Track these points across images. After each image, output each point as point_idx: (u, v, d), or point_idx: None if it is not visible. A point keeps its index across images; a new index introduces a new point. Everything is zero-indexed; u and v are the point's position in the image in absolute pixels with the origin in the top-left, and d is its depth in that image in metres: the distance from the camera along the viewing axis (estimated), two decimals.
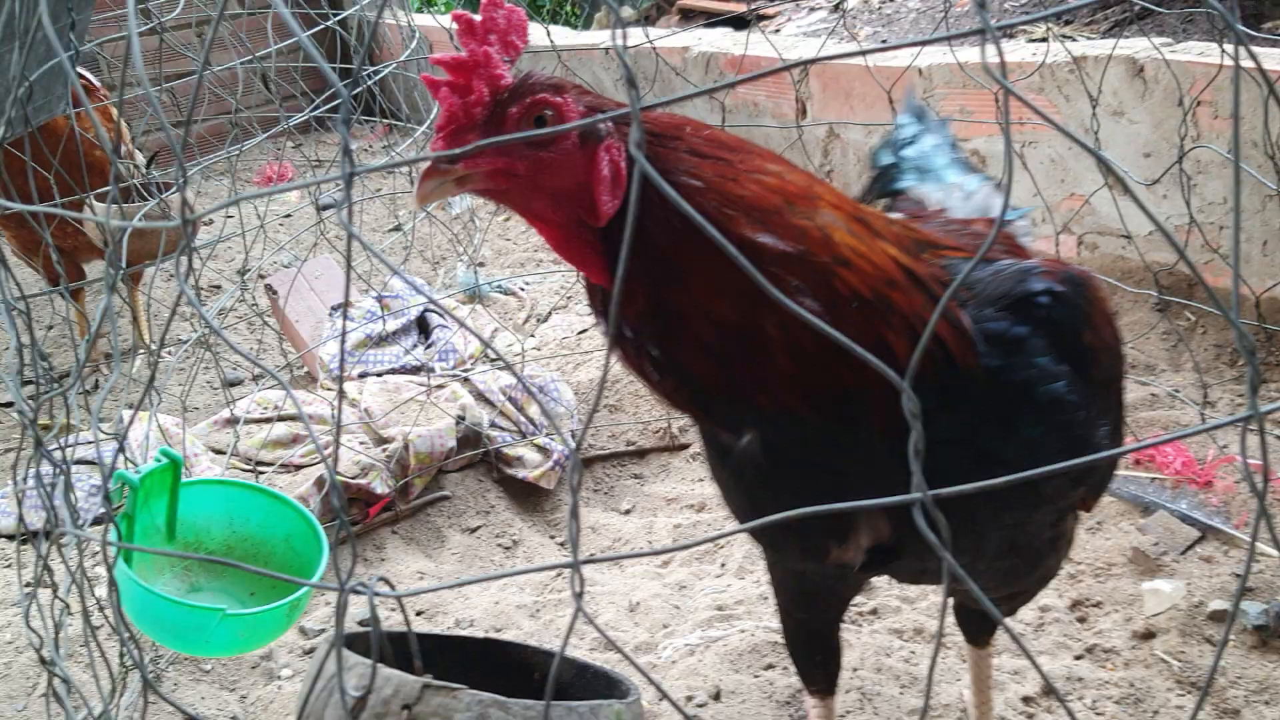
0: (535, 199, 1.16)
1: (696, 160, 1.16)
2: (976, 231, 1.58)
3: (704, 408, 1.22)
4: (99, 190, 3.29)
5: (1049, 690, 2.07)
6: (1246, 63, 0.75)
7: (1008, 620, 2.26)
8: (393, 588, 0.87)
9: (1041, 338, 1.27)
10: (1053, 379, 1.27)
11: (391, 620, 2.09)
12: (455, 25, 1.15)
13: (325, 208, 4.50)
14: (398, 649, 1.08)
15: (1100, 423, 1.32)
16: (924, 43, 0.72)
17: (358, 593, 0.89)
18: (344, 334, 1.03)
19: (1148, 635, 2.16)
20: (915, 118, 1.92)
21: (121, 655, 1.77)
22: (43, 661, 1.39)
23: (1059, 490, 1.35)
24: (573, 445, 1.15)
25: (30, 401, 1.36)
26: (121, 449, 1.24)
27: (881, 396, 1.15)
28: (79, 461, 2.84)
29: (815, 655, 1.69)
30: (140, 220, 3.05)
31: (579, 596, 0.82)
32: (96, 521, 2.81)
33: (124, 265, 1.45)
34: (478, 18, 1.15)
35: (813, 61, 0.73)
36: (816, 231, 1.16)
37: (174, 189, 3.38)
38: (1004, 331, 1.24)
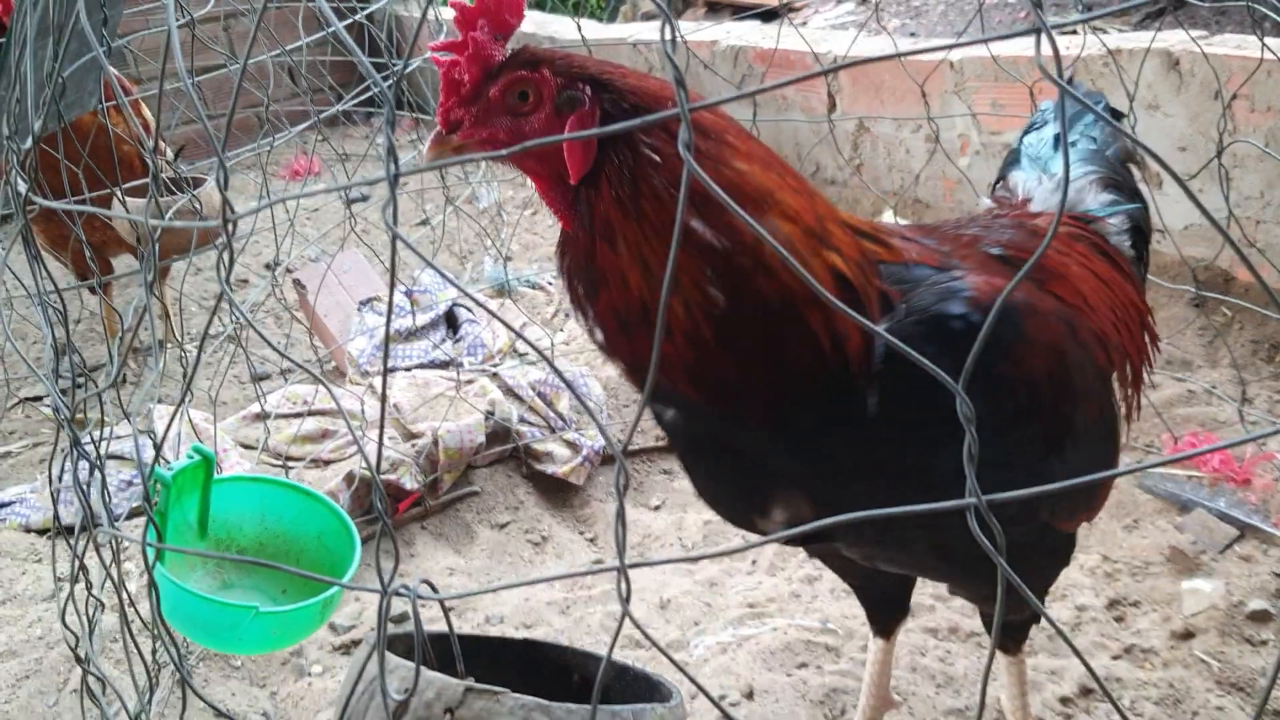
0: (523, 158, 1.27)
1: (665, 138, 1.22)
2: (1025, 226, 1.57)
3: (630, 371, 1.29)
4: (129, 185, 3.31)
5: (1087, 691, 2.04)
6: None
7: (1050, 614, 2.24)
8: (435, 590, 0.86)
9: (949, 360, 1.25)
10: (944, 403, 1.28)
11: (425, 616, 2.08)
12: (453, 11, 1.24)
13: (354, 202, 4.51)
14: (437, 649, 1.08)
15: (1020, 454, 1.32)
16: (983, 40, 0.70)
17: (400, 594, 0.88)
18: (387, 333, 1.01)
19: (1186, 635, 2.13)
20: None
21: (154, 651, 1.78)
22: (78, 660, 1.39)
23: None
24: (606, 442, 1.16)
25: (64, 398, 1.36)
26: (158, 450, 1.24)
27: (760, 398, 1.23)
28: (110, 457, 2.85)
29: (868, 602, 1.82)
30: (173, 218, 3.06)
31: (626, 600, 0.81)
32: (127, 516, 2.82)
33: (154, 251, 1.45)
34: (470, 3, 1.23)
35: (884, 59, 0.71)
36: (749, 236, 1.20)
37: (205, 183, 3.39)
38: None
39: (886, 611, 1.81)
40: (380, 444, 0.88)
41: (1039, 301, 1.40)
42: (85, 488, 1.24)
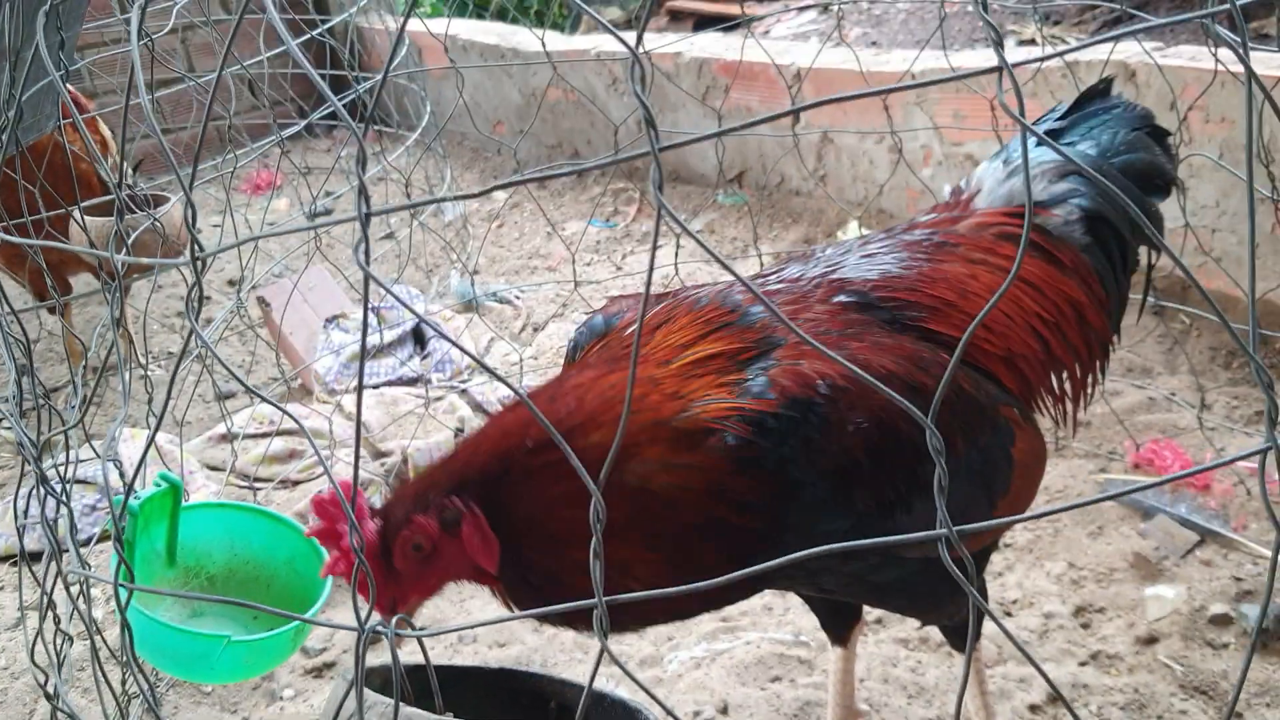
0: (459, 577, 1.33)
1: (529, 485, 1.30)
2: (933, 241, 1.62)
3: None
4: (87, 203, 3.27)
5: (1055, 698, 2.07)
6: (1235, 66, 0.75)
7: (1015, 623, 2.27)
8: (413, 627, 0.86)
9: (801, 449, 1.36)
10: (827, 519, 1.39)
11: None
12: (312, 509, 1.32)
13: (317, 215, 4.48)
14: (413, 679, 1.07)
15: (865, 522, 1.36)
16: (956, 79, 0.72)
17: (378, 633, 0.88)
18: (363, 357, 1.00)
19: (1150, 640, 2.17)
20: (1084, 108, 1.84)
21: (124, 682, 1.76)
22: (47, 696, 1.37)
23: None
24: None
25: (26, 426, 1.35)
26: (129, 484, 1.23)
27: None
28: (75, 481, 2.81)
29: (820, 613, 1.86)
30: (135, 242, 3.03)
31: (605, 635, 0.81)
32: (95, 541, 2.79)
33: (120, 285, 1.43)
34: (324, 499, 1.31)
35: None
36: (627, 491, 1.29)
37: (166, 203, 3.35)
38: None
39: (840, 621, 1.83)
40: (355, 470, 0.88)
41: (872, 362, 1.38)
42: (51, 522, 1.22)
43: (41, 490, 1.15)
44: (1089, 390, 1.72)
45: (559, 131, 5.33)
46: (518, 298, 4.09)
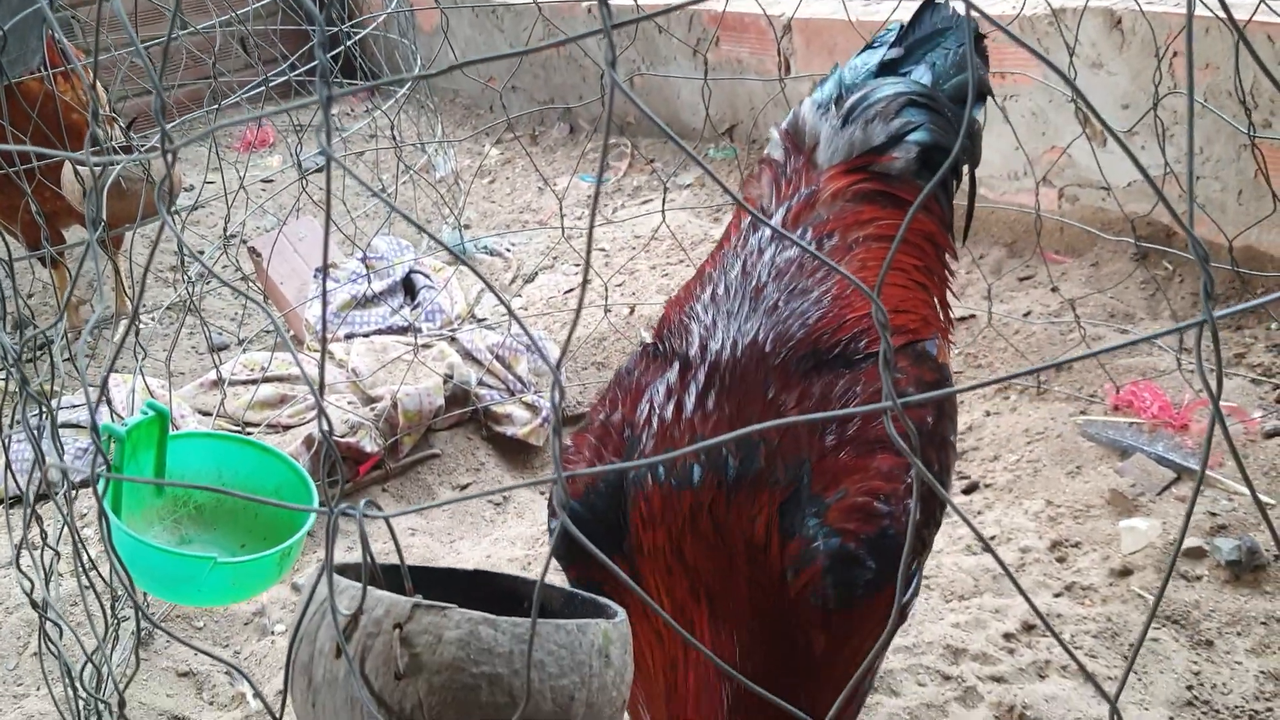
0: None
1: None
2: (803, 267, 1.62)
3: None
4: (78, 153, 3.28)
5: (1029, 627, 2.11)
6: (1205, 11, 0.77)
7: (987, 563, 2.31)
8: (379, 509, 0.89)
9: None
10: None
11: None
12: None
13: (310, 173, 4.48)
14: (389, 581, 1.11)
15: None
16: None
17: (346, 515, 0.91)
18: (324, 291, 1.04)
19: (1125, 572, 2.21)
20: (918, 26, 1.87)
21: (114, 604, 1.80)
22: (34, 605, 1.41)
23: None
24: (554, 375, 1.19)
25: (15, 363, 1.38)
26: (102, 392, 1.26)
27: None
28: (65, 425, 2.85)
29: None
30: (126, 185, 3.04)
31: (564, 508, 0.84)
32: (85, 485, 2.82)
33: (105, 225, 1.46)
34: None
35: None
36: None
37: (151, 143, 3.36)
38: None
39: None
40: (321, 372, 0.91)
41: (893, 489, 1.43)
42: (37, 434, 1.25)
43: (23, 394, 1.17)
44: (949, 308, 1.81)
45: (550, 87, 5.33)
46: (508, 250, 4.11)
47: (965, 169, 1.92)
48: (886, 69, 1.80)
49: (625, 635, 1.05)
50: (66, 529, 1.44)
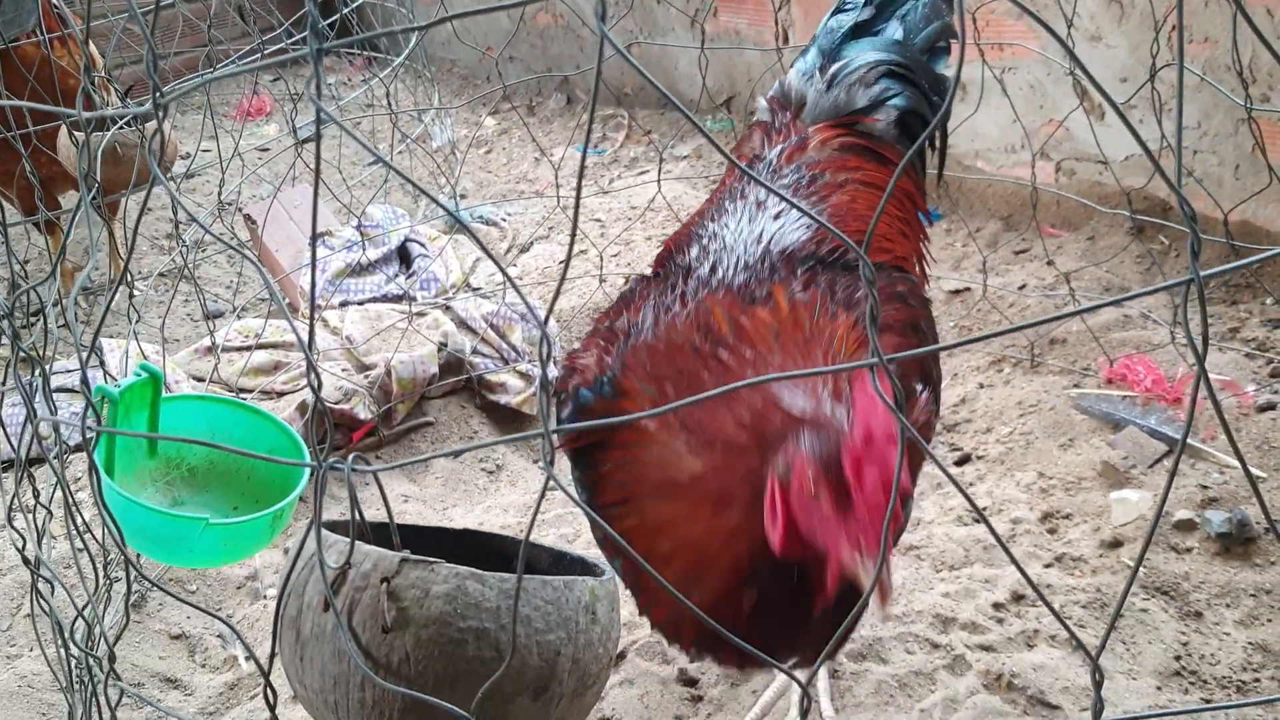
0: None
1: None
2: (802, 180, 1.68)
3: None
4: (74, 118, 3.26)
5: (1018, 597, 2.12)
6: None
7: (978, 534, 2.32)
8: (366, 463, 0.89)
9: None
10: None
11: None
12: None
13: (305, 141, 4.47)
14: (380, 540, 1.11)
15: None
16: None
17: (335, 469, 0.91)
18: (314, 253, 1.04)
19: (1115, 544, 2.22)
20: None
21: (107, 565, 1.80)
22: (25, 562, 1.41)
23: None
24: (545, 339, 1.20)
25: (6, 314, 1.37)
26: (92, 351, 1.26)
27: None
28: (59, 389, 2.85)
29: None
30: (121, 150, 3.03)
31: (550, 463, 0.84)
32: (80, 449, 2.82)
33: (99, 190, 1.45)
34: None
35: None
36: None
37: (145, 103, 3.35)
38: None
39: None
40: (311, 330, 0.91)
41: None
42: (29, 390, 1.25)
43: (15, 352, 1.17)
44: (924, 262, 1.89)
45: (548, 57, 5.30)
46: (504, 220, 4.10)
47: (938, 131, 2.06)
48: (860, 30, 1.90)
49: (612, 593, 1.06)
50: (60, 490, 1.44)
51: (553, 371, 2.00)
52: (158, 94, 0.90)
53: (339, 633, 0.93)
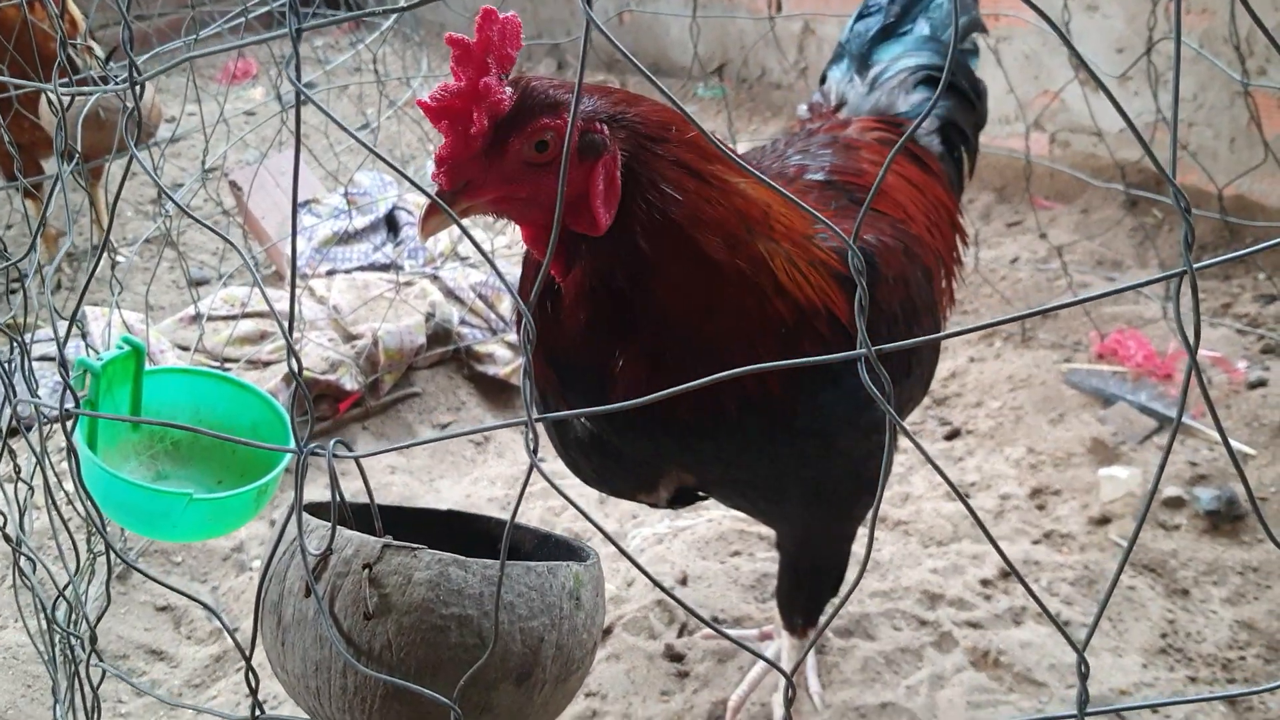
0: (533, 211, 1.19)
1: (680, 173, 1.21)
2: (839, 141, 1.69)
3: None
4: (51, 91, 3.21)
5: (1006, 574, 2.12)
6: None
7: (972, 504, 2.31)
8: (349, 449, 0.87)
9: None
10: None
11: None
12: (450, 49, 1.14)
13: (291, 106, 4.41)
14: (361, 520, 1.10)
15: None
16: None
17: (315, 454, 0.90)
18: (295, 224, 1.00)
19: (1103, 520, 2.22)
20: None
21: (89, 540, 1.78)
22: (6, 539, 1.39)
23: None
24: (526, 318, 1.21)
25: None
26: (72, 325, 1.23)
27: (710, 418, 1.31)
28: (40, 358, 2.82)
29: None
30: (95, 106, 2.98)
31: (534, 453, 0.83)
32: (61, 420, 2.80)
33: (80, 155, 1.42)
34: (472, 39, 1.14)
35: None
36: (765, 258, 1.25)
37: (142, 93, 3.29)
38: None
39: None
40: (292, 310, 0.89)
41: (882, 234, 1.49)
42: (8, 366, 1.23)
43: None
44: (954, 282, 1.85)
45: (539, 21, 5.23)
46: None
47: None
48: (887, 33, 1.91)
49: (597, 578, 1.04)
50: (40, 469, 1.42)
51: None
52: (133, 71, 0.87)
53: (320, 619, 0.92)
